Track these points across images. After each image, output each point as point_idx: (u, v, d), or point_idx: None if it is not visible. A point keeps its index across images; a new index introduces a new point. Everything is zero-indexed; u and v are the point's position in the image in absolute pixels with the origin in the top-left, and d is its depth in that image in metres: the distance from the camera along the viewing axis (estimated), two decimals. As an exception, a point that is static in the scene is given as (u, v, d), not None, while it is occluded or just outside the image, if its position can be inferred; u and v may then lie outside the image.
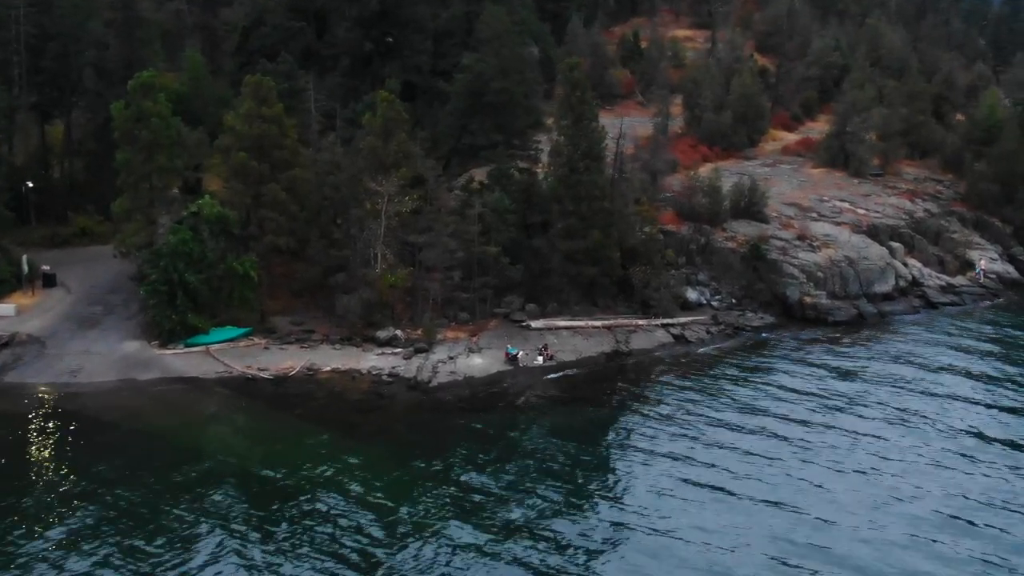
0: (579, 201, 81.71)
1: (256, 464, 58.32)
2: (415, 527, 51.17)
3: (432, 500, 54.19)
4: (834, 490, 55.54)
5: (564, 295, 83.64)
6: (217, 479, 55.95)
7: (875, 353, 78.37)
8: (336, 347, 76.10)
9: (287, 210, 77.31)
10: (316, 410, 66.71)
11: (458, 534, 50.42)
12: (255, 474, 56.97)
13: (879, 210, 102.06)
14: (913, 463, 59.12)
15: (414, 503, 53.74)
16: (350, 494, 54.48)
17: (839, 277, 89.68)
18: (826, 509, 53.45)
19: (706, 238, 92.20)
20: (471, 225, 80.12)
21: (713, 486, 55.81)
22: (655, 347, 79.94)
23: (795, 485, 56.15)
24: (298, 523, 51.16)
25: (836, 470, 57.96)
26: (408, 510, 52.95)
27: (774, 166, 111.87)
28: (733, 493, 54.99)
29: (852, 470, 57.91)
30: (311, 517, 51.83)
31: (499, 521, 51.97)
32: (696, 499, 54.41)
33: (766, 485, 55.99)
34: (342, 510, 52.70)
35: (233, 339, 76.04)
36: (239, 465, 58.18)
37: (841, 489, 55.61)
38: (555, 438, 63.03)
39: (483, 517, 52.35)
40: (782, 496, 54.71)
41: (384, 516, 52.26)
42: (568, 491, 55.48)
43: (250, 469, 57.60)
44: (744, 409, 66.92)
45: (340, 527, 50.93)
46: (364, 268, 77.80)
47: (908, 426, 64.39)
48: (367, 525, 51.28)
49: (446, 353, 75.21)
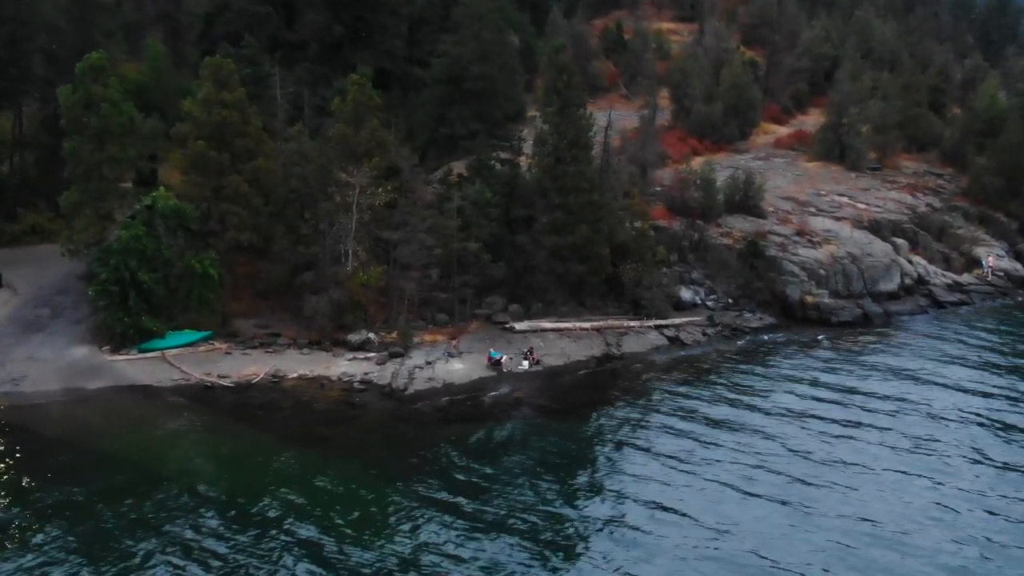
0: (566, 193, 76.05)
1: (216, 487, 52.05)
2: (391, 555, 45.33)
3: (410, 524, 48.27)
4: (841, 505, 50.08)
5: (550, 295, 78.01)
6: (175, 505, 49.62)
7: (884, 357, 72.77)
8: (304, 352, 70.23)
9: (250, 204, 71.32)
10: (281, 422, 60.71)
11: (438, 559, 44.66)
12: (216, 499, 50.65)
13: (880, 205, 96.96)
14: (928, 476, 53.66)
15: (390, 529, 47.84)
16: (320, 521, 48.40)
17: (842, 275, 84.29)
18: (830, 523, 48.10)
19: (699, 234, 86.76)
20: (450, 219, 74.39)
21: (715, 499, 50.41)
22: (648, 350, 74.34)
23: (799, 496, 50.78)
24: (264, 555, 45.19)
25: (844, 485, 52.34)
26: (385, 538, 47.06)
27: (767, 159, 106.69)
28: (736, 511, 49.51)
29: (865, 485, 52.28)
30: (278, 547, 45.85)
31: (484, 545, 46.20)
32: (697, 515, 48.85)
33: (769, 498, 50.61)
34: (312, 539, 46.74)
35: (191, 344, 69.96)
36: (198, 488, 51.69)
37: (851, 507, 50.10)
38: (544, 450, 57.37)
39: (466, 541, 46.56)
40: (785, 508, 49.49)
41: (359, 546, 46.31)
42: (560, 511, 49.71)
43: (210, 493, 51.20)
44: (745, 418, 61.26)
45: (310, 558, 45.02)
46: (334, 266, 71.85)
47: (923, 439, 58.79)
48: (339, 557, 45.37)
49: (423, 358, 69.42)
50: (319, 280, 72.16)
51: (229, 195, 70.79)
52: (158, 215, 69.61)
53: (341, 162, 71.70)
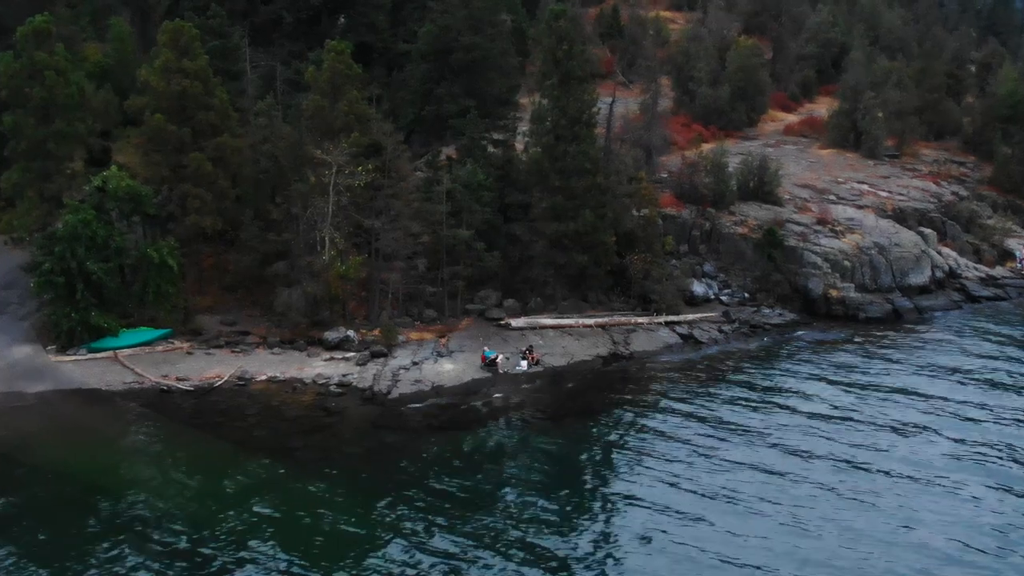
0: (566, 176, 68.48)
1: (169, 506, 44.30)
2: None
3: (394, 548, 40.80)
4: (870, 521, 43.05)
5: (549, 289, 70.43)
6: (120, 527, 42.20)
7: (920, 357, 65.16)
8: (275, 352, 62.61)
9: (214, 185, 63.63)
10: (246, 430, 53.14)
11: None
12: (168, 520, 42.95)
13: (903, 193, 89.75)
14: (968, 488, 46.60)
15: (370, 555, 40.32)
16: (288, 545, 40.83)
17: (869, 267, 76.81)
18: (858, 544, 41.21)
19: (711, 223, 79.30)
20: (438, 204, 66.72)
21: (735, 513, 43.53)
22: (660, 349, 66.80)
23: (823, 515, 43.75)
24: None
25: (872, 503, 45.06)
26: (363, 566, 39.58)
27: (777, 146, 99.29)
28: (760, 531, 42.44)
29: (901, 506, 44.91)
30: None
31: (477, 571, 39.09)
32: (717, 536, 41.84)
33: (793, 513, 43.87)
34: (280, 566, 39.23)
35: (148, 343, 62.28)
36: (147, 507, 44.06)
37: (881, 522, 43.08)
38: (545, 462, 50.00)
39: (456, 567, 39.31)
40: (808, 528, 42.63)
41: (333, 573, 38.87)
42: (562, 532, 42.31)
43: (161, 513, 43.50)
44: (771, 426, 53.82)
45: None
46: (309, 256, 64.04)
47: (969, 444, 51.65)
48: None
49: (409, 358, 61.79)
50: (292, 271, 64.48)
51: (190, 175, 63.05)
52: (110, 198, 61.86)
53: (316, 138, 63.96)
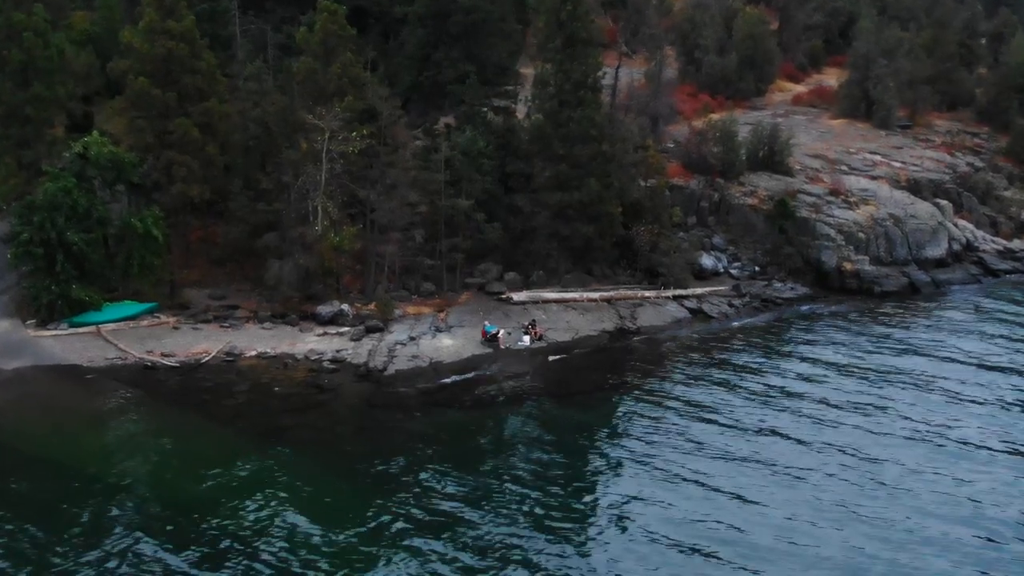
0: (570, 143, 65.49)
1: (148, 487, 41.89)
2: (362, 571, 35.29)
3: (388, 532, 38.19)
4: (887, 509, 40.44)
5: (552, 261, 67.50)
6: (96, 511, 39.51)
7: (939, 334, 62.19)
8: (265, 327, 59.82)
9: (201, 152, 60.51)
10: (233, 409, 50.41)
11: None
12: (147, 502, 40.49)
13: (917, 164, 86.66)
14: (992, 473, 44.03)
15: (362, 541, 37.68)
16: (276, 531, 38.15)
17: (884, 239, 73.81)
18: (880, 531, 38.69)
19: (720, 194, 76.30)
20: (436, 173, 63.71)
21: (747, 499, 40.99)
22: (668, 323, 63.98)
23: (842, 502, 41.09)
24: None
25: (891, 487, 42.39)
26: (355, 552, 36.93)
27: (786, 117, 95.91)
28: (774, 513, 39.97)
29: (921, 490, 42.23)
30: (225, 566, 35.84)
31: (475, 557, 36.60)
32: (728, 520, 39.33)
33: (808, 498, 41.35)
34: (267, 554, 36.56)
35: (133, 317, 59.50)
36: (131, 492, 41.39)
37: (899, 513, 40.35)
38: (548, 442, 47.29)
39: (454, 552, 36.83)
40: (825, 515, 39.95)
41: (324, 561, 36.17)
42: (565, 517, 39.75)
43: (140, 495, 41.06)
44: (784, 404, 51.24)
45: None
46: (300, 226, 61.09)
47: (992, 426, 48.99)
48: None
49: (406, 333, 58.95)
50: (283, 243, 61.54)
51: (176, 142, 59.95)
52: (92, 165, 58.85)
53: (308, 103, 60.90)
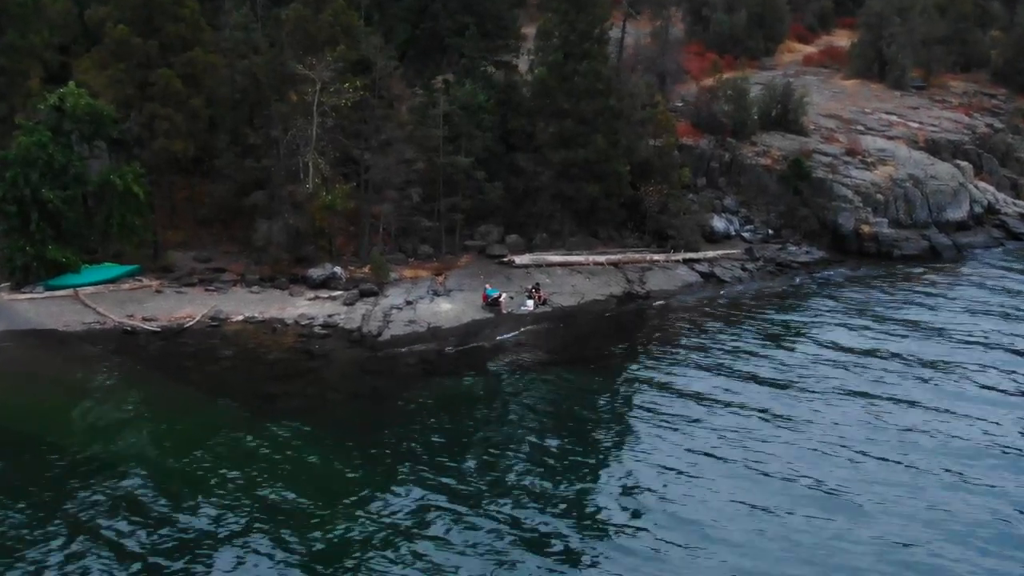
0: (576, 98, 62.03)
1: (132, 460, 38.52)
2: (355, 547, 32.38)
3: (381, 505, 35.21)
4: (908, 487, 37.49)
5: (556, 224, 64.16)
6: (79, 485, 36.35)
7: (964, 299, 58.84)
8: (253, 290, 56.50)
9: (185, 105, 56.89)
10: (218, 375, 47.30)
11: (417, 548, 32.21)
12: (131, 481, 37.04)
13: (935, 124, 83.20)
14: None
15: (355, 514, 34.64)
16: (261, 505, 35.15)
17: (903, 200, 70.45)
18: (896, 508, 35.92)
19: (731, 154, 72.85)
20: (434, 128, 60.26)
21: (765, 472, 38.07)
22: (678, 288, 60.82)
23: (860, 474, 38.26)
24: (188, 551, 32.20)
25: (914, 464, 39.27)
26: (347, 525, 33.89)
27: (797, 77, 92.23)
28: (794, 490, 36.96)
29: (939, 467, 39.07)
30: (208, 541, 32.83)
31: (472, 530, 33.77)
32: (741, 496, 36.40)
33: (826, 469, 38.49)
34: (251, 527, 33.66)
35: (113, 280, 56.20)
36: (107, 463, 38.29)
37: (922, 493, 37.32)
38: (553, 410, 44.21)
39: (451, 524, 34.04)
40: (844, 491, 37.03)
41: (311, 535, 33.14)
42: (568, 487, 36.96)
43: (124, 472, 37.59)
44: (800, 370, 48.11)
45: (247, 553, 32.09)
46: (291, 184, 57.70)
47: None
48: (285, 550, 32.18)
49: (402, 297, 55.72)
50: (272, 202, 58.14)
51: (158, 94, 56.36)
52: (69, 118, 55.32)
53: (298, 53, 57.35)
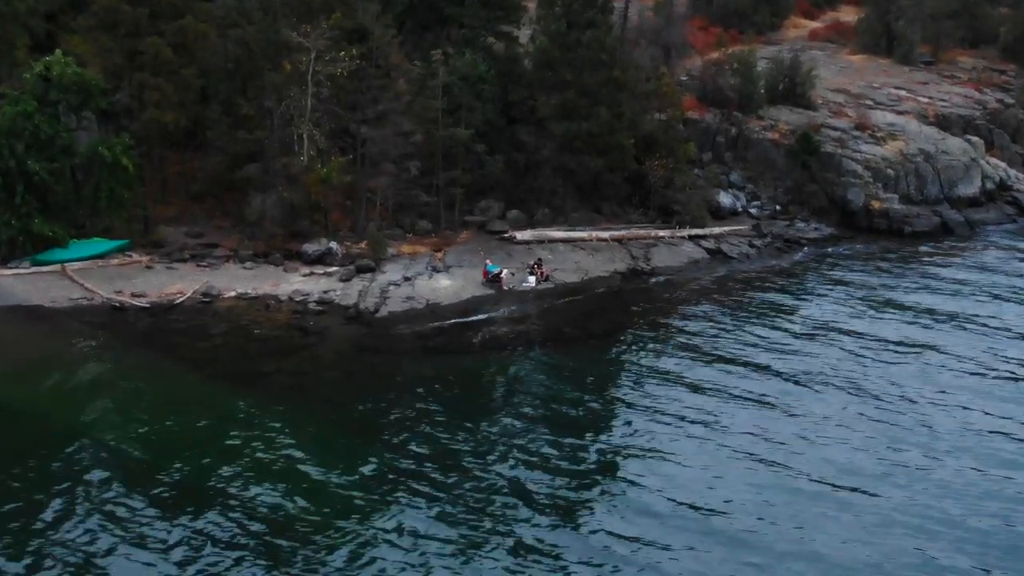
0: (579, 68, 60.25)
1: (119, 439, 36.77)
2: (347, 531, 30.69)
3: (377, 487, 33.62)
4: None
5: (558, 199, 62.42)
6: (64, 466, 34.63)
7: (979, 276, 57.23)
8: (246, 266, 54.79)
9: (175, 75, 55.09)
10: (209, 352, 45.65)
11: (413, 534, 30.45)
12: (118, 459, 35.36)
13: (945, 99, 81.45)
14: None
15: (348, 497, 33.02)
16: (258, 483, 33.51)
17: (914, 176, 68.79)
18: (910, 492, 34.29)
19: (738, 128, 71.08)
20: (432, 99, 58.45)
21: (773, 454, 36.45)
22: (685, 264, 59.23)
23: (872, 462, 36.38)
24: (171, 536, 30.54)
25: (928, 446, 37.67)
26: (340, 510, 32.19)
27: (803, 52, 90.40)
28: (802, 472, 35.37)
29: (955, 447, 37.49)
30: (192, 526, 31.08)
31: (475, 515, 32.07)
32: (736, 473, 35.12)
33: (839, 449, 36.98)
34: (240, 508, 32.01)
35: (102, 255, 54.43)
36: (93, 441, 36.56)
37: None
38: (555, 389, 42.55)
39: (449, 509, 32.34)
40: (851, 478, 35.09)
41: (302, 518, 31.56)
42: (569, 470, 35.36)
43: (110, 451, 35.91)
44: (811, 349, 46.43)
45: (236, 537, 30.35)
46: (285, 157, 55.94)
47: None
48: (276, 536, 30.55)
49: (400, 273, 54.05)
50: (266, 175, 56.30)
51: (148, 63, 54.54)
52: (56, 88, 53.51)
53: (292, 21, 55.51)
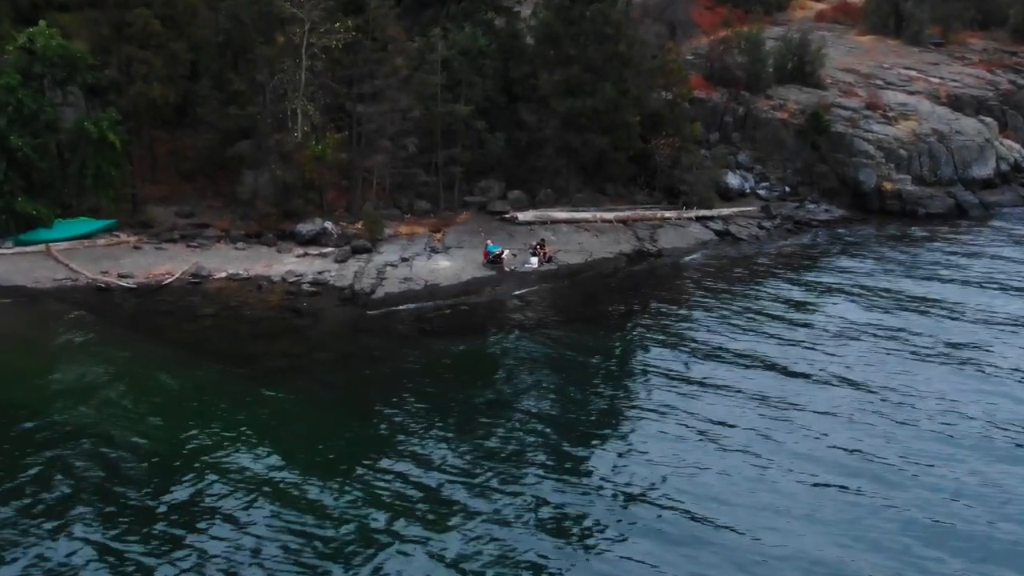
0: (583, 43, 58.24)
1: (102, 424, 34.75)
2: (341, 520, 28.98)
3: (372, 473, 31.70)
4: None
5: (561, 179, 60.44)
6: (45, 451, 32.79)
7: (997, 261, 55.26)
8: (238, 247, 52.86)
9: (164, 48, 53.05)
10: (198, 334, 43.72)
11: (412, 533, 28.50)
12: (100, 446, 33.34)
13: (956, 80, 79.43)
14: None
15: (344, 484, 31.09)
16: (240, 473, 31.63)
17: (928, 156, 66.81)
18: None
19: (745, 108, 69.04)
20: (431, 75, 56.41)
21: (780, 441, 34.56)
22: (692, 246, 57.29)
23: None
24: (153, 527, 28.68)
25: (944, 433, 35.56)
26: (335, 495, 30.41)
27: (811, 32, 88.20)
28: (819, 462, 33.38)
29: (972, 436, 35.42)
30: (193, 513, 29.41)
31: (472, 501, 30.23)
32: (757, 467, 32.90)
33: (846, 438, 34.85)
34: (230, 499, 30.18)
35: (88, 235, 52.47)
36: (74, 426, 34.56)
37: None
38: (557, 375, 40.65)
39: (448, 495, 30.49)
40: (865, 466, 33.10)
41: (300, 504, 29.70)
42: (570, 456, 33.61)
43: (90, 436, 33.87)
44: (823, 334, 44.33)
45: (227, 529, 28.62)
46: (278, 133, 53.93)
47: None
48: (269, 524, 28.82)
49: (398, 254, 52.06)
50: (258, 152, 54.28)
51: (135, 36, 52.52)
52: (40, 60, 51.41)
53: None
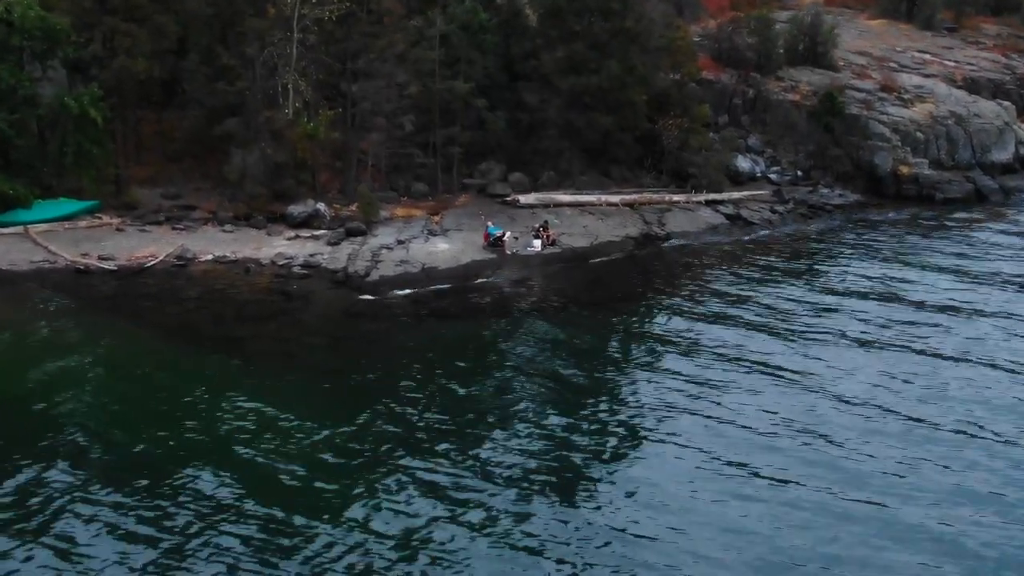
0: (588, 18, 55.83)
1: (79, 413, 32.37)
2: (334, 514, 26.61)
3: (363, 464, 29.43)
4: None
5: (564, 162, 57.97)
6: (25, 442, 30.34)
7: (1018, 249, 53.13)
8: (226, 229, 50.38)
9: (148, 21, 50.61)
10: (179, 318, 41.32)
11: (407, 509, 26.57)
12: (76, 431, 30.98)
13: (972, 63, 77.12)
14: None
15: (334, 476, 28.74)
16: (224, 463, 29.21)
17: (945, 140, 64.36)
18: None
19: (756, 90, 66.54)
20: (429, 51, 53.96)
21: (787, 432, 32.03)
22: (702, 230, 54.86)
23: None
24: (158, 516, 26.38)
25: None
26: (323, 489, 28.03)
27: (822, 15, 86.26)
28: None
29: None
30: (179, 505, 27.00)
31: (468, 493, 27.99)
32: (764, 461, 30.35)
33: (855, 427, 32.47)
34: (210, 488, 27.80)
35: (69, 216, 50.03)
36: (53, 415, 32.12)
37: None
38: (560, 361, 38.14)
39: (448, 500, 27.84)
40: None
41: (293, 493, 27.47)
42: (573, 445, 31.21)
43: (72, 423, 31.50)
44: (836, 321, 41.77)
45: (205, 521, 26.21)
46: (268, 110, 51.46)
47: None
48: (255, 518, 26.47)
49: (393, 236, 49.62)
50: (248, 130, 51.74)
51: (119, 7, 50.10)
52: (17, 33, 48.99)
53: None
